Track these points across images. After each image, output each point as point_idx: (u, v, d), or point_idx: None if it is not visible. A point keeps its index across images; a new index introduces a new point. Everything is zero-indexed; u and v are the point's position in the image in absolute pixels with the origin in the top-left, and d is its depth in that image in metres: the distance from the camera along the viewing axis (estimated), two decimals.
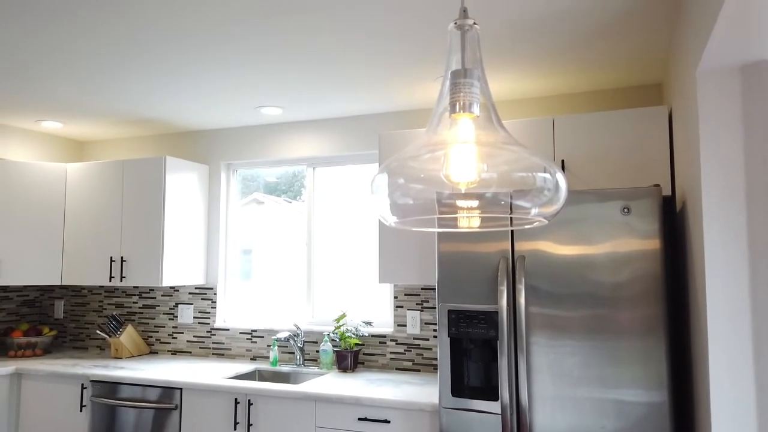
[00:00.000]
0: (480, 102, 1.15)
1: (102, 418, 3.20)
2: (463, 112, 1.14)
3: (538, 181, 1.08)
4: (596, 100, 3.12)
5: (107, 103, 3.34)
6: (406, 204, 1.16)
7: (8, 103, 3.34)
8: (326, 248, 3.69)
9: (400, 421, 2.60)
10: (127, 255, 3.63)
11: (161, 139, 4.13)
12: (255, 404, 2.87)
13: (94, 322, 4.16)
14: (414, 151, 1.13)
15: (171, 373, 3.20)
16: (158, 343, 3.95)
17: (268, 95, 3.17)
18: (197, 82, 2.95)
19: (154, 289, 4.02)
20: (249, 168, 3.96)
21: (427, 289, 3.32)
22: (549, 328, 2.28)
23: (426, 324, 3.30)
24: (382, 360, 3.37)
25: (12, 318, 4.10)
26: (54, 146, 4.15)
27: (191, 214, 3.79)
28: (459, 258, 2.44)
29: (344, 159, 3.68)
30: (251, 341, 3.70)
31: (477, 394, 2.38)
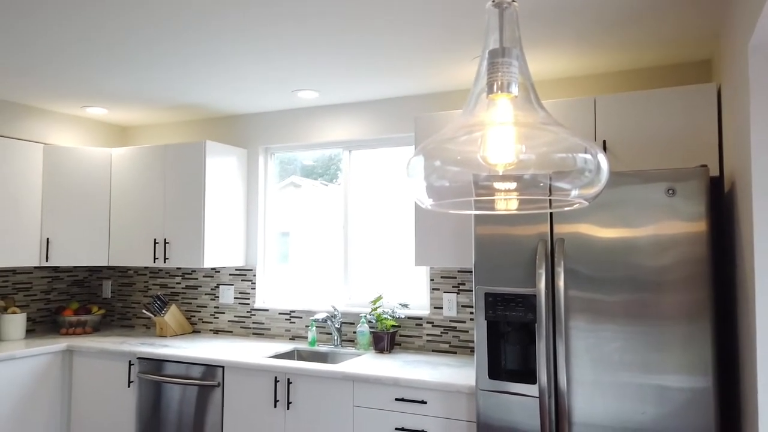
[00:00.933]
0: (518, 82, 1.12)
1: (149, 394, 3.33)
2: (501, 93, 1.12)
3: (579, 162, 1.06)
4: (640, 78, 3.02)
5: (149, 90, 3.42)
6: (443, 186, 1.15)
7: (55, 91, 3.44)
8: (362, 231, 3.71)
9: (437, 402, 2.62)
10: (170, 237, 3.73)
11: (201, 123, 4.20)
12: (294, 383, 2.94)
13: (140, 302, 4.31)
14: (450, 133, 1.12)
15: (213, 352, 3.29)
16: (201, 322, 4.07)
17: (304, 79, 3.18)
18: (235, 67, 2.98)
19: (196, 270, 4.12)
20: (286, 151, 4.00)
21: (463, 272, 3.31)
22: (589, 312, 2.24)
23: (462, 306, 3.29)
24: (418, 342, 3.38)
25: (63, 297, 4.28)
26: (99, 131, 4.28)
27: (231, 197, 3.86)
28: (496, 241, 2.42)
29: (380, 142, 3.68)
30: (290, 322, 3.77)
31: (514, 377, 2.37)
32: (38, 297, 4.11)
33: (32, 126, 3.81)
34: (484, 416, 2.40)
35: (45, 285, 4.16)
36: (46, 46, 2.68)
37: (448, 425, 2.59)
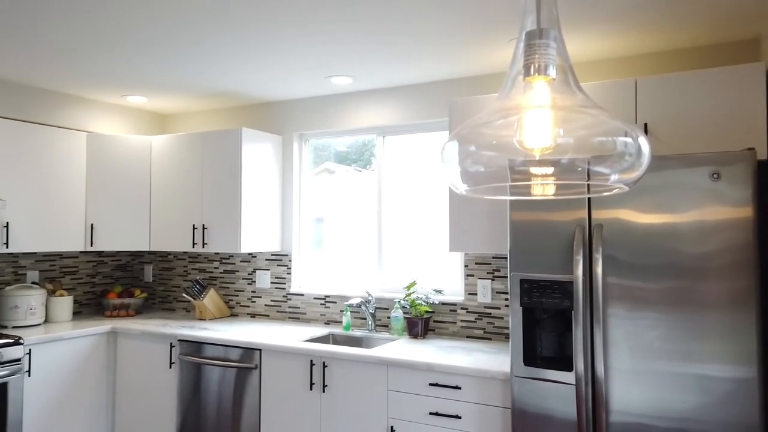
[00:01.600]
0: (556, 64, 1.10)
1: (189, 375, 3.43)
2: (538, 75, 1.09)
3: (619, 146, 1.03)
4: (683, 58, 2.91)
5: (187, 78, 3.47)
6: (478, 172, 1.14)
7: (97, 80, 3.53)
8: (396, 217, 3.71)
9: (472, 388, 2.62)
10: (208, 222, 3.81)
11: (237, 111, 4.25)
12: (329, 366, 2.98)
13: (180, 286, 4.43)
14: (486, 117, 1.10)
15: (251, 335, 3.36)
16: (238, 306, 4.16)
17: (338, 65, 3.18)
18: (270, 55, 3.00)
19: (233, 255, 4.20)
20: (320, 138, 4.02)
21: (498, 258, 3.28)
22: (628, 300, 2.20)
23: (497, 293, 3.27)
24: (452, 328, 3.38)
25: (107, 281, 4.43)
26: (139, 119, 4.38)
27: (266, 183, 3.90)
28: (532, 227, 2.39)
29: (414, 127, 3.66)
30: (325, 306, 3.81)
31: (550, 364, 2.35)
32: (84, 280, 4.26)
33: (76, 115, 3.92)
34: (519, 402, 2.39)
35: (90, 269, 4.31)
36: (88, 36, 2.75)
37: (482, 411, 2.59)
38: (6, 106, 3.50)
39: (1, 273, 3.78)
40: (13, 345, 3.15)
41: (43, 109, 3.71)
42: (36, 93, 3.67)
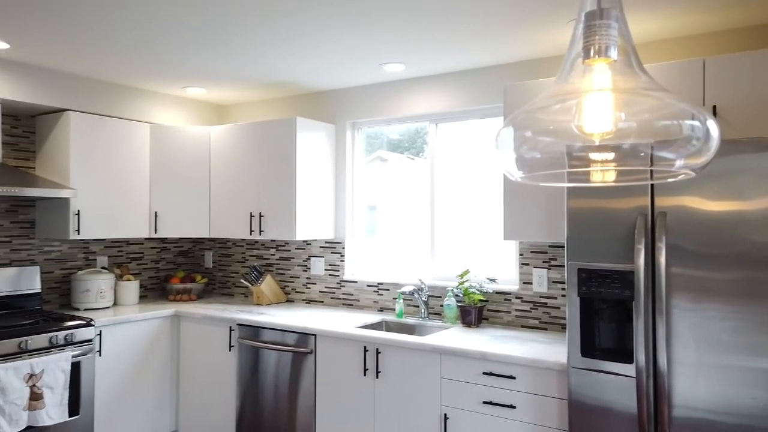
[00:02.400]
0: (618, 45, 1.05)
1: (248, 358, 3.54)
2: (599, 57, 1.05)
3: (685, 130, 0.98)
4: (755, 36, 2.73)
5: (244, 69, 3.55)
6: (534, 158, 1.11)
7: (159, 72, 3.66)
8: (449, 204, 3.68)
9: (527, 378, 2.58)
10: (264, 210, 3.90)
11: (292, 100, 4.32)
12: (383, 353, 3.00)
13: (238, 272, 4.56)
14: (542, 102, 1.07)
15: (306, 321, 3.43)
16: (294, 292, 4.25)
17: (391, 52, 3.17)
18: (324, 44, 3.02)
19: (288, 243, 4.29)
20: (373, 126, 4.03)
21: (555, 247, 3.21)
22: (693, 291, 2.11)
23: (553, 282, 3.20)
24: (507, 317, 3.34)
25: (170, 266, 4.62)
26: (198, 110, 4.52)
27: (320, 171, 3.96)
28: (591, 214, 2.32)
29: (467, 114, 3.61)
30: (378, 293, 3.84)
31: (609, 355, 2.28)
32: (149, 266, 4.46)
33: (140, 107, 4.08)
34: (576, 394, 2.34)
35: (154, 255, 4.51)
36: (150, 30, 2.85)
37: (537, 401, 2.55)
38: (78, 100, 3.69)
39: (73, 258, 4.01)
40: (85, 326, 3.34)
41: (110, 102, 3.89)
42: (104, 87, 3.84)
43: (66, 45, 3.08)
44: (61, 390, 3.13)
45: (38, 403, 3.02)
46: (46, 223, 3.74)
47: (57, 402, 3.10)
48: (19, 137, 3.75)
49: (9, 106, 3.57)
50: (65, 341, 3.23)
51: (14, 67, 3.39)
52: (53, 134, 3.72)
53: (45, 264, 3.85)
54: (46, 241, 3.87)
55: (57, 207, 3.67)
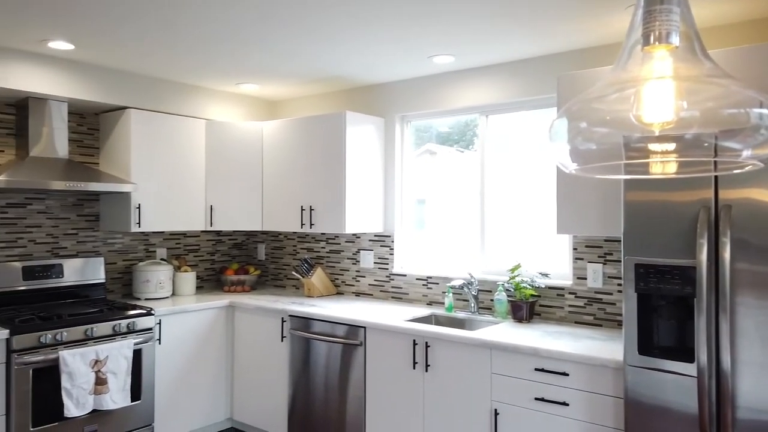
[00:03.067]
0: (680, 30, 1.01)
1: (299, 348, 3.61)
2: (659, 44, 1.01)
3: (753, 118, 0.93)
4: None
5: (295, 65, 3.60)
6: (589, 150, 1.08)
7: (214, 70, 3.76)
8: (500, 197, 3.63)
9: (580, 375, 2.52)
10: (315, 204, 3.95)
11: (341, 95, 4.35)
12: (432, 347, 3.00)
13: (290, 264, 4.65)
14: (599, 92, 1.04)
15: (356, 313, 3.46)
16: (343, 285, 4.30)
17: (440, 44, 3.14)
18: (372, 37, 3.02)
19: (338, 236, 4.34)
20: (422, 119, 4.01)
21: (610, 241, 3.11)
22: (759, 287, 2.00)
23: (609, 277, 3.11)
24: (559, 312, 3.27)
25: (225, 259, 4.76)
26: (251, 106, 4.61)
27: (369, 165, 3.97)
28: (649, 208, 2.24)
29: (519, 105, 3.54)
30: (427, 287, 3.83)
31: (668, 353, 2.20)
32: (205, 258, 4.61)
33: (195, 103, 4.21)
34: (633, 393, 2.27)
35: (210, 247, 4.65)
36: (206, 29, 2.92)
37: (592, 399, 2.49)
38: (138, 98, 3.84)
39: (134, 250, 4.19)
40: (146, 315, 3.49)
41: (168, 100, 4.02)
42: (162, 85, 3.98)
43: (127, 46, 3.20)
44: (124, 376, 3.28)
45: (103, 388, 3.18)
46: (110, 216, 3.92)
47: (120, 387, 3.26)
48: (84, 134, 3.94)
49: (75, 105, 3.75)
50: (127, 329, 3.38)
51: (79, 68, 3.56)
52: (115, 131, 3.88)
53: (109, 255, 4.04)
54: (109, 234, 4.05)
55: (119, 201, 3.84)
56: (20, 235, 3.61)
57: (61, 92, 3.47)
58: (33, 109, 3.48)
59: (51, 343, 3.06)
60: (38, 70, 3.37)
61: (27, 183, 3.17)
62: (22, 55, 3.30)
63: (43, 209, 3.72)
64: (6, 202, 3.56)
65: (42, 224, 3.71)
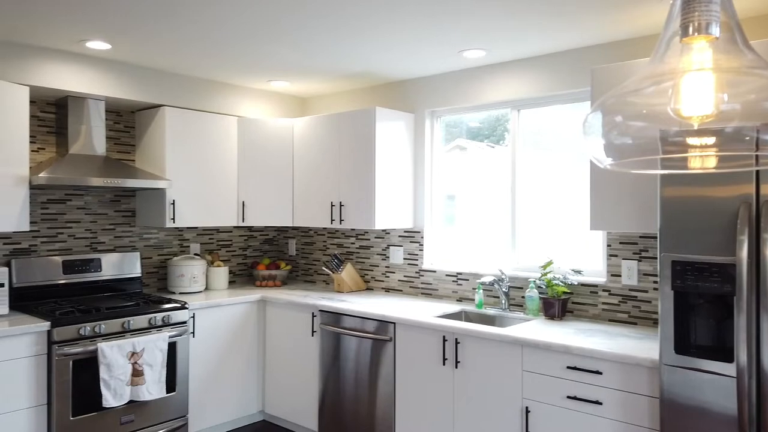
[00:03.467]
0: (720, 21, 0.98)
1: (329, 343, 3.64)
2: (699, 35, 0.98)
3: None
4: None
5: (325, 62, 3.62)
6: (624, 144, 1.06)
7: (246, 68, 3.81)
8: (531, 193, 3.58)
9: (614, 374, 2.48)
10: (344, 200, 3.97)
11: (371, 90, 4.35)
12: (462, 343, 2.99)
13: (320, 260, 4.69)
14: (635, 85, 1.02)
15: (385, 309, 3.47)
16: (373, 280, 4.31)
17: (470, 38, 3.11)
18: (402, 33, 3.02)
19: (368, 232, 4.35)
20: (452, 114, 3.98)
21: (646, 237, 3.05)
22: None
23: (644, 275, 3.04)
24: (593, 310, 3.22)
25: (257, 254, 4.82)
26: (282, 103, 4.66)
27: (399, 161, 3.97)
28: (687, 203, 2.18)
29: (551, 99, 3.48)
30: (457, 283, 3.82)
31: (705, 353, 2.14)
32: (237, 253, 4.68)
33: (228, 101, 4.27)
34: (669, 393, 2.22)
35: (242, 242, 4.72)
36: (238, 27, 2.96)
37: (626, 399, 2.44)
38: (172, 96, 3.92)
39: (169, 245, 4.28)
40: (180, 309, 3.56)
41: (201, 97, 4.09)
42: (196, 83, 4.05)
43: (161, 45, 3.27)
44: (160, 368, 3.36)
45: (139, 379, 3.26)
46: (145, 212, 4.01)
47: (156, 379, 3.34)
48: (120, 132, 4.04)
49: (111, 103, 3.85)
50: (163, 322, 3.46)
51: (116, 67, 3.65)
52: (150, 128, 3.97)
53: (144, 250, 4.14)
54: (145, 229, 4.15)
55: (154, 197, 3.93)
56: (60, 230, 3.73)
57: (98, 91, 3.56)
58: (72, 107, 3.58)
59: (90, 335, 3.15)
60: (77, 70, 3.47)
61: (67, 180, 3.26)
62: (61, 55, 3.40)
63: (82, 205, 3.83)
64: (47, 198, 3.68)
65: (81, 220, 3.83)
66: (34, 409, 2.97)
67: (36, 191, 3.63)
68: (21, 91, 3.18)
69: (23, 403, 2.93)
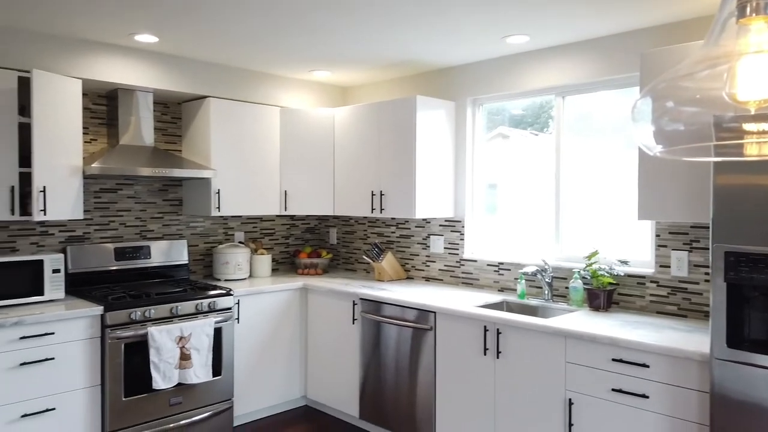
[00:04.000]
0: None
1: (370, 331, 3.67)
2: (757, 15, 0.93)
3: None
4: None
5: (367, 50, 3.61)
6: (676, 130, 1.02)
7: (287, 57, 3.84)
8: (576, 181, 3.50)
9: (662, 367, 2.41)
10: (385, 189, 3.98)
11: (412, 79, 4.33)
12: (503, 333, 2.96)
13: (360, 248, 4.72)
14: (687, 69, 0.97)
15: (426, 298, 3.47)
16: (413, 269, 4.31)
17: (514, 24, 3.05)
18: (445, 19, 2.98)
19: (408, 221, 4.35)
20: (494, 102, 3.92)
21: (697, 228, 2.94)
22: None
23: (695, 266, 2.94)
24: (640, 302, 3.13)
25: (298, 242, 4.89)
26: (323, 93, 4.68)
27: (440, 150, 3.94)
28: (742, 192, 2.09)
29: (597, 85, 3.38)
30: (498, 273, 3.78)
31: (760, 347, 2.06)
32: (279, 241, 4.76)
33: (270, 91, 4.32)
34: (720, 387, 2.15)
35: (284, 231, 4.80)
36: (281, 17, 2.99)
37: (674, 393, 2.38)
38: (217, 87, 3.99)
39: (214, 233, 4.38)
40: (225, 296, 3.65)
41: (244, 88, 4.16)
42: (240, 74, 4.11)
43: (207, 37, 3.33)
44: (206, 352, 3.46)
45: (187, 363, 3.37)
46: (192, 200, 4.12)
47: (203, 363, 3.44)
48: (167, 123, 4.15)
49: (159, 95, 3.95)
50: (209, 308, 3.56)
51: (163, 59, 3.74)
52: (196, 119, 4.06)
53: (191, 238, 4.25)
54: (191, 217, 4.26)
55: (200, 186, 4.02)
56: (112, 218, 3.87)
57: (146, 83, 3.66)
58: (122, 99, 3.70)
59: (140, 320, 3.27)
60: (126, 63, 3.57)
61: (118, 170, 3.38)
62: (112, 48, 3.51)
63: (132, 194, 3.97)
64: (99, 188, 3.82)
65: (131, 208, 3.96)
66: (90, 389, 3.11)
67: (89, 181, 3.77)
68: (74, 84, 3.30)
69: (80, 383, 3.07)
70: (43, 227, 3.57)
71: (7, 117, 3.09)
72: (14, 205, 3.11)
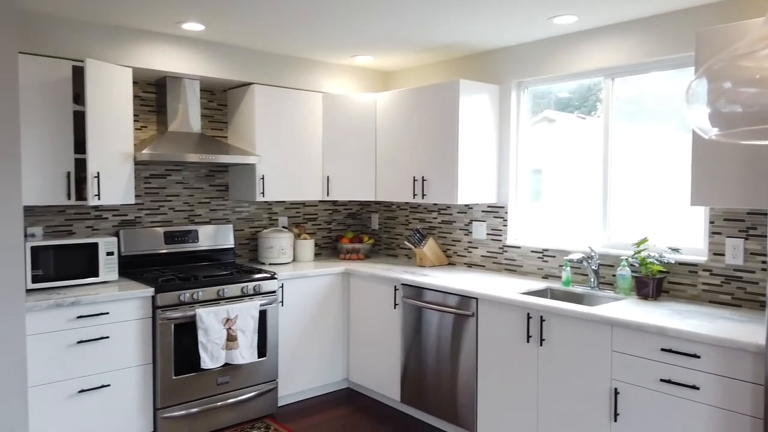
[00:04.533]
0: None
1: (411, 316, 3.68)
2: None
3: None
4: None
5: (409, 34, 3.58)
6: (733, 112, 0.98)
7: (330, 43, 3.85)
8: (625, 166, 3.40)
9: (713, 358, 2.33)
10: (427, 174, 3.96)
11: (454, 63, 4.27)
12: (547, 321, 2.92)
13: (402, 234, 4.72)
14: (746, 48, 0.93)
15: (468, 284, 3.45)
16: (455, 255, 4.29)
17: (561, 3, 2.96)
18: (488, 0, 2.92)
19: (450, 206, 4.32)
20: (540, 84, 3.83)
21: (755, 214, 2.81)
22: None
23: (751, 254, 2.82)
24: (691, 291, 3.03)
25: (340, 227, 4.94)
26: (365, 78, 4.68)
27: (483, 134, 3.89)
28: None
29: (649, 66, 3.26)
30: (542, 260, 3.72)
31: None
32: (322, 226, 4.81)
33: (313, 77, 4.35)
34: None
35: (327, 216, 4.84)
36: (324, 4, 2.99)
37: (726, 384, 2.30)
38: (261, 74, 4.04)
39: (259, 218, 4.47)
40: (270, 279, 3.73)
41: (288, 75, 4.19)
42: (283, 61, 4.15)
43: (251, 24, 3.37)
44: (251, 334, 3.55)
45: (233, 344, 3.47)
46: (237, 186, 4.20)
47: (248, 344, 3.53)
48: (214, 110, 4.23)
49: (206, 82, 4.03)
50: (254, 291, 3.64)
51: (209, 47, 3.81)
52: (241, 106, 4.13)
53: (237, 223, 4.35)
54: (237, 203, 4.35)
55: (245, 172, 4.10)
56: (162, 203, 3.99)
57: (193, 71, 3.74)
58: (170, 87, 3.79)
59: (189, 302, 3.37)
60: (174, 51, 3.66)
61: (167, 156, 3.48)
62: (160, 37, 3.59)
63: (180, 180, 4.08)
64: (149, 174, 3.94)
65: (180, 194, 4.07)
66: (142, 367, 3.25)
67: (140, 167, 3.89)
68: (125, 73, 3.40)
69: (133, 362, 3.21)
70: (97, 211, 3.72)
71: (62, 105, 3.22)
72: (70, 189, 3.24)
